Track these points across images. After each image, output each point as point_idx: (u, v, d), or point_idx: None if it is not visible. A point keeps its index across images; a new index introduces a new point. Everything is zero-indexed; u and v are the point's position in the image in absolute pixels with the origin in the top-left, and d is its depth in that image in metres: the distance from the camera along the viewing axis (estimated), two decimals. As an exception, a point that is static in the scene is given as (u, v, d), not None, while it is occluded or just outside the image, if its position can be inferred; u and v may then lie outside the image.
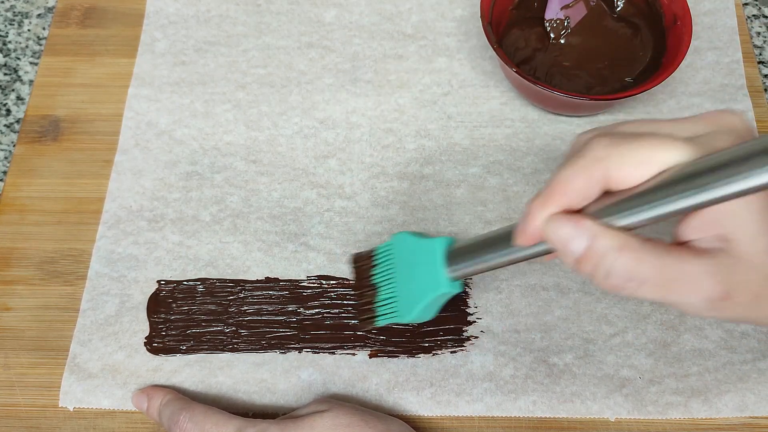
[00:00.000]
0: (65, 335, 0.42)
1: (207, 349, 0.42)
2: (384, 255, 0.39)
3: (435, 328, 0.42)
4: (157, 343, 0.42)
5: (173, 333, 0.42)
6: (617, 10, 0.51)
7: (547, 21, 0.51)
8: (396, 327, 0.42)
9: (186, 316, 0.43)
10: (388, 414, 0.39)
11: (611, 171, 0.26)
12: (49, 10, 0.56)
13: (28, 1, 0.57)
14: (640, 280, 0.26)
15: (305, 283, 0.44)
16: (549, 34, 0.51)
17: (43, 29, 0.55)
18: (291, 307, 0.43)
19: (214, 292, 0.43)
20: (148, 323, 0.42)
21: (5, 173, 0.48)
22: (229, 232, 0.45)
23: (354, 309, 0.42)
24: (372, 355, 0.41)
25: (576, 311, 0.42)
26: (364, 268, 0.40)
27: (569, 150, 0.29)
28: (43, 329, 0.43)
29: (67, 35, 0.53)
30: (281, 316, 0.43)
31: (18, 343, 0.42)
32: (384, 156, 0.48)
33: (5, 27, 0.55)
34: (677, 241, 0.27)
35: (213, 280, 0.44)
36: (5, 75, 0.53)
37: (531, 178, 0.47)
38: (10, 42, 0.55)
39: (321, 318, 0.42)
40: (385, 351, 0.41)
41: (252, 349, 0.42)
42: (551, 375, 0.41)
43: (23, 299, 0.44)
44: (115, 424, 0.40)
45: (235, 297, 0.43)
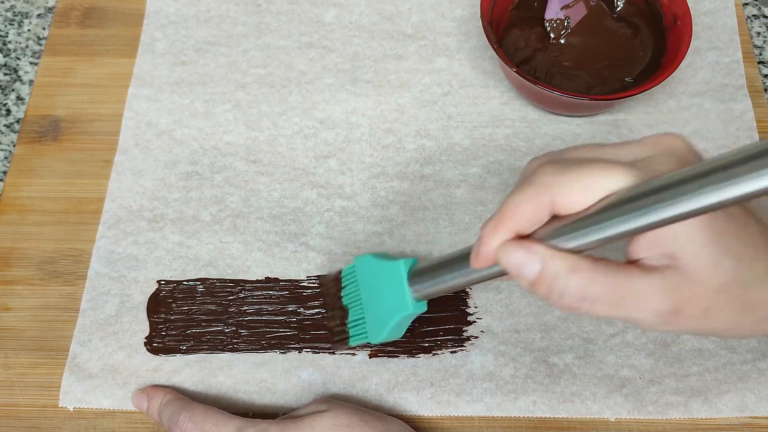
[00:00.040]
0: (65, 335, 0.42)
1: (207, 349, 0.42)
2: (350, 277, 0.40)
3: (435, 328, 0.42)
4: (157, 343, 0.42)
5: (173, 333, 0.42)
6: (617, 10, 0.51)
7: (547, 21, 0.51)
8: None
9: (186, 316, 0.43)
10: (388, 414, 0.39)
11: (557, 197, 0.27)
12: (49, 10, 0.56)
13: (28, 1, 0.57)
14: (592, 299, 0.27)
15: (305, 283, 0.44)
16: (549, 34, 0.51)
17: (43, 29, 0.55)
18: (291, 307, 0.43)
19: (214, 292, 0.43)
20: (148, 323, 0.42)
21: (5, 173, 0.48)
22: (229, 232, 0.45)
23: (326, 330, 0.42)
24: (372, 355, 0.41)
25: (576, 311, 0.42)
26: (332, 289, 0.41)
27: (520, 175, 0.30)
28: (43, 329, 0.43)
29: (67, 35, 0.53)
30: (281, 316, 0.43)
31: (18, 343, 0.42)
32: (384, 156, 0.48)
33: (5, 27, 0.55)
34: (629, 260, 0.28)
35: (213, 280, 0.44)
36: (5, 75, 0.53)
37: (531, 178, 0.47)
38: (10, 42, 0.55)
39: (321, 318, 0.42)
40: (385, 351, 0.41)
41: (252, 349, 0.42)
42: (551, 375, 0.41)
43: (23, 299, 0.44)
44: (115, 424, 0.40)
45: (235, 297, 0.43)
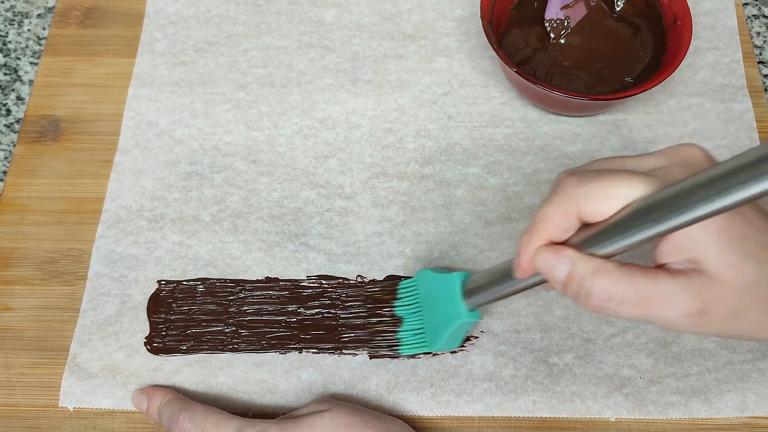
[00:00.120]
0: (65, 335, 0.42)
1: (207, 349, 0.42)
2: (409, 290, 0.42)
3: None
4: (157, 343, 0.42)
5: (173, 333, 0.42)
6: (617, 10, 0.51)
7: (547, 21, 0.51)
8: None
9: (186, 316, 0.43)
10: (388, 414, 0.39)
11: (582, 206, 0.28)
12: (49, 10, 0.56)
13: (28, 1, 0.57)
14: (618, 299, 0.28)
15: (305, 283, 0.44)
16: (549, 34, 0.51)
17: (43, 29, 0.55)
18: (291, 307, 0.43)
19: (214, 292, 0.43)
20: (148, 323, 0.42)
21: (5, 173, 0.48)
22: (229, 232, 0.45)
23: (373, 337, 0.42)
24: (372, 356, 0.41)
25: (576, 311, 0.42)
26: (385, 297, 0.43)
27: (551, 187, 0.31)
28: (43, 329, 0.43)
29: (67, 35, 0.53)
30: (281, 316, 0.42)
31: (18, 343, 0.42)
32: (384, 156, 0.48)
33: (5, 27, 0.55)
34: (656, 265, 0.29)
35: (213, 280, 0.44)
36: (5, 75, 0.53)
37: (531, 178, 0.47)
38: (10, 42, 0.55)
39: (321, 318, 0.42)
40: (386, 351, 0.41)
41: (252, 350, 0.41)
42: (551, 375, 0.40)
43: (23, 299, 0.44)
44: (115, 424, 0.40)
45: (235, 297, 0.43)
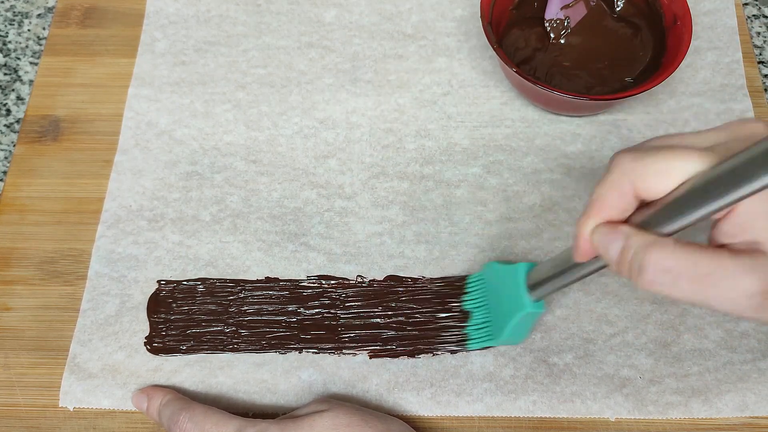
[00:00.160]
0: (65, 335, 0.42)
1: (207, 349, 0.42)
2: (476, 284, 0.42)
3: (435, 327, 0.42)
4: (157, 343, 0.42)
5: (173, 333, 0.42)
6: (617, 10, 0.51)
7: (547, 21, 0.51)
8: (400, 326, 0.42)
9: (186, 316, 0.43)
10: (388, 414, 0.39)
11: (637, 183, 0.28)
12: (49, 10, 0.56)
13: (28, 1, 0.57)
14: (675, 273, 0.26)
15: (305, 283, 0.44)
16: (549, 34, 0.51)
17: (43, 29, 0.55)
18: (291, 307, 0.43)
19: (214, 292, 0.43)
20: (148, 323, 0.42)
21: (5, 173, 0.48)
22: (229, 232, 0.45)
23: (444, 332, 0.42)
24: (372, 356, 0.41)
25: (576, 311, 0.42)
26: (453, 292, 0.43)
27: (606, 166, 0.30)
28: (43, 329, 0.43)
29: (67, 35, 0.53)
30: (281, 316, 0.42)
31: (18, 343, 0.42)
32: (384, 156, 0.48)
33: (5, 27, 0.55)
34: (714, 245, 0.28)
35: (213, 280, 0.44)
36: (5, 75, 0.53)
37: (531, 178, 0.47)
38: (10, 42, 0.55)
39: (321, 318, 0.42)
40: (386, 351, 0.41)
41: (252, 350, 0.41)
42: (551, 375, 0.40)
43: (23, 299, 0.44)
44: (115, 424, 0.40)
45: (235, 297, 0.43)
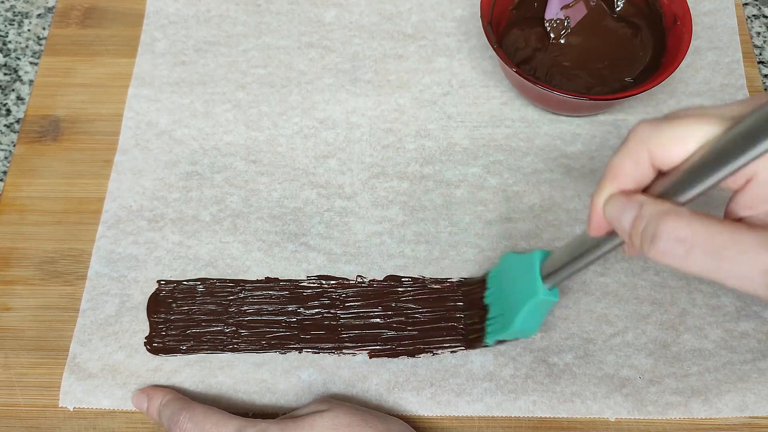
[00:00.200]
0: (65, 335, 0.42)
1: (207, 349, 0.42)
2: (494, 279, 0.41)
3: (436, 327, 0.42)
4: (157, 343, 0.42)
5: (173, 333, 0.42)
6: (617, 10, 0.51)
7: (547, 21, 0.51)
8: (399, 326, 0.42)
9: (186, 316, 0.43)
10: (388, 414, 0.39)
11: (654, 151, 0.27)
12: (49, 10, 0.56)
13: (28, 1, 0.57)
14: (689, 243, 0.25)
15: (305, 283, 0.44)
16: (549, 34, 0.51)
17: (43, 29, 0.55)
18: (291, 307, 0.43)
19: (214, 292, 0.43)
20: (148, 323, 0.42)
21: (5, 173, 0.48)
22: (229, 232, 0.45)
23: (463, 331, 0.42)
24: (372, 356, 0.41)
25: (576, 311, 0.42)
26: (476, 292, 0.42)
27: (625, 138, 0.30)
28: (43, 329, 0.43)
29: (67, 35, 0.53)
30: (281, 316, 0.43)
31: (18, 343, 0.42)
32: (384, 156, 0.48)
33: (5, 27, 0.55)
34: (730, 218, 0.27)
35: (213, 280, 0.44)
36: (5, 75, 0.53)
37: (531, 178, 0.47)
38: (10, 42, 0.55)
39: (321, 318, 0.42)
40: (385, 351, 0.41)
41: (252, 349, 0.41)
42: (551, 375, 0.40)
43: (23, 299, 0.44)
44: (115, 424, 0.40)
45: (235, 297, 0.43)
